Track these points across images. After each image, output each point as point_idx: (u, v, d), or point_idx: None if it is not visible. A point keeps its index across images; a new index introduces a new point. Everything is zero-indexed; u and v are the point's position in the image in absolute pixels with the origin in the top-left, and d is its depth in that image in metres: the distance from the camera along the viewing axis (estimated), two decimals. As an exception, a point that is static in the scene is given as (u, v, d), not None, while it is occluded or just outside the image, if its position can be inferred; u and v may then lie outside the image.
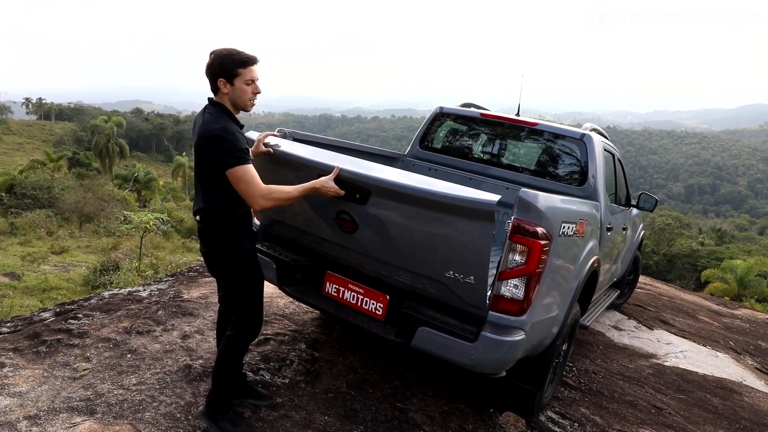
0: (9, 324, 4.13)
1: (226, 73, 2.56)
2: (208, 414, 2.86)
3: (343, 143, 4.29)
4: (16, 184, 29.09)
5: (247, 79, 2.60)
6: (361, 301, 3.02)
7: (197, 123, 2.65)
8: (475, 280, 2.65)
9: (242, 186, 2.52)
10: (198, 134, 2.56)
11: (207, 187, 2.65)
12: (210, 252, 2.77)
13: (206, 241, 2.75)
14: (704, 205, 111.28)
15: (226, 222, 2.69)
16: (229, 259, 2.74)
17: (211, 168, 2.56)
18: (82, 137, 64.38)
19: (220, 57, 2.55)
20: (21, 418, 2.82)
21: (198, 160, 2.61)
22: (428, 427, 3.24)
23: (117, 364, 3.49)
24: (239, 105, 2.65)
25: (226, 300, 2.98)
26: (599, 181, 4.13)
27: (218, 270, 2.83)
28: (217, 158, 2.51)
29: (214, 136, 2.50)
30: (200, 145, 2.54)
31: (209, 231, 2.71)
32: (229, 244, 2.71)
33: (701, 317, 7.18)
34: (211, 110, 2.62)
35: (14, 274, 15.41)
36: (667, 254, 32.17)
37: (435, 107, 5.14)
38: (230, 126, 2.56)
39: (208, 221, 2.70)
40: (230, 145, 2.49)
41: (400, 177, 2.68)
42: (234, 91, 2.60)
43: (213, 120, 2.55)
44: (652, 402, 4.16)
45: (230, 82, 2.58)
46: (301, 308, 4.79)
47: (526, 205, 2.64)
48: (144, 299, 4.77)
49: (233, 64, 2.55)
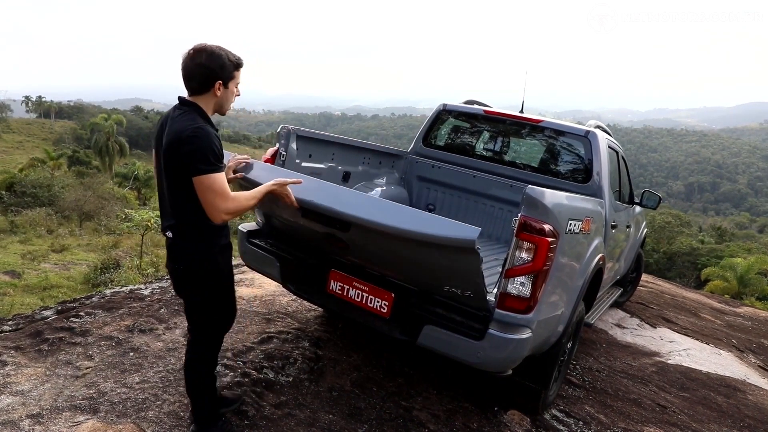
0: (11, 322, 4.11)
1: (225, 76, 2.38)
2: (199, 430, 2.72)
3: (347, 140, 4.27)
4: (16, 183, 29.06)
5: (238, 82, 2.46)
6: (366, 299, 2.99)
7: (166, 124, 2.39)
8: (473, 294, 2.67)
9: (210, 196, 2.27)
10: (169, 135, 2.31)
11: (179, 197, 2.38)
12: (178, 269, 2.50)
13: (175, 256, 2.48)
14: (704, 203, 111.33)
15: (201, 235, 2.42)
16: (199, 278, 2.48)
17: (182, 173, 2.29)
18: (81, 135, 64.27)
19: (219, 58, 2.34)
20: (24, 416, 2.80)
21: (168, 166, 2.34)
22: (433, 425, 3.22)
23: (119, 363, 3.47)
24: (223, 108, 2.46)
25: (189, 319, 2.65)
26: (604, 178, 4.11)
27: (187, 289, 2.55)
28: (189, 162, 2.25)
29: (188, 137, 2.25)
30: (172, 147, 2.29)
31: (180, 246, 2.45)
32: (203, 261, 2.45)
33: (703, 315, 7.16)
34: (183, 110, 2.38)
35: (15, 272, 15.38)
36: (667, 252, 32.15)
37: (438, 104, 5.12)
38: (206, 128, 2.32)
39: (179, 235, 2.44)
40: (206, 149, 2.25)
41: (375, 213, 2.52)
42: (225, 93, 2.41)
43: (187, 120, 2.31)
44: (656, 400, 4.15)
45: (225, 85, 2.39)
46: (303, 306, 4.77)
47: (533, 202, 2.62)
48: (146, 297, 4.75)
49: (230, 66, 2.38)
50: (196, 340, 2.64)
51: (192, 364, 2.65)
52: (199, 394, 2.69)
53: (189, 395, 2.73)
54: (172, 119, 2.38)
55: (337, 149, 4.17)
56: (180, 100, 2.43)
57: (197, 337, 2.64)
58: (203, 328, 2.62)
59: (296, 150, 3.69)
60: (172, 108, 2.46)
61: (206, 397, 2.71)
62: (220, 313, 2.62)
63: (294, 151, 3.67)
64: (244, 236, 3.53)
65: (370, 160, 4.59)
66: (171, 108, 2.47)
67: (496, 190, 4.63)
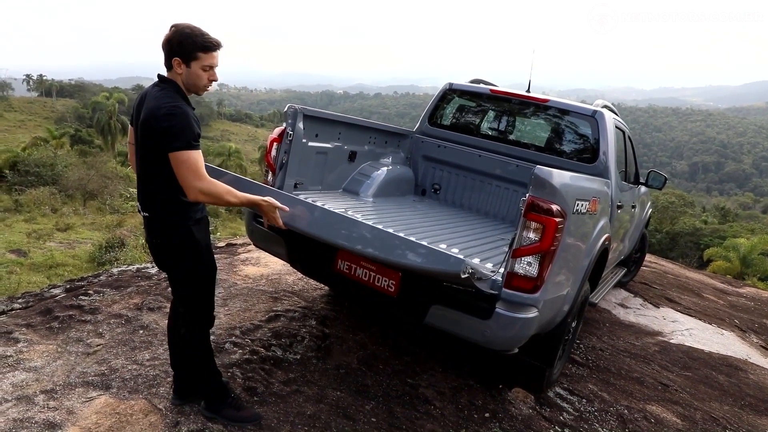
0: (20, 300, 4.16)
1: (184, 54, 2.36)
2: (209, 407, 2.78)
3: (354, 120, 4.26)
4: (19, 162, 29.06)
5: (205, 65, 2.40)
6: (374, 278, 3.02)
7: (145, 99, 2.41)
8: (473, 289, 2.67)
9: (183, 171, 2.28)
10: (146, 111, 2.34)
11: (153, 173, 2.42)
12: (157, 243, 2.56)
13: (153, 231, 2.54)
14: (708, 183, 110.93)
15: (174, 209, 2.46)
16: (178, 250, 2.52)
17: (158, 149, 2.32)
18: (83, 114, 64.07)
19: (181, 35, 2.35)
20: (38, 392, 2.85)
21: (143, 142, 2.39)
22: (438, 402, 3.27)
23: (129, 340, 3.52)
24: (191, 88, 2.46)
25: (175, 294, 2.72)
26: (610, 158, 4.10)
27: (167, 262, 2.62)
28: (164, 138, 2.28)
29: (165, 114, 2.28)
30: (148, 123, 2.32)
31: (156, 220, 2.50)
32: (179, 234, 2.50)
33: (706, 295, 7.20)
34: (161, 87, 2.41)
35: (20, 250, 15.49)
36: (670, 232, 32.12)
37: (444, 83, 5.08)
38: (184, 106, 2.35)
39: (154, 210, 2.48)
40: (182, 126, 2.28)
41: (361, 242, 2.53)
42: (188, 74, 2.40)
43: (165, 96, 2.35)
44: (659, 379, 4.20)
45: (186, 64, 2.38)
46: (309, 285, 4.81)
47: (541, 182, 2.62)
48: (153, 276, 4.79)
49: (194, 46, 2.36)
50: (186, 314, 2.68)
51: (186, 337, 2.70)
52: (204, 372, 2.75)
53: (195, 378, 2.79)
54: (150, 95, 2.41)
55: (344, 129, 4.15)
56: (159, 77, 2.46)
57: (186, 310, 2.68)
58: (189, 300, 2.66)
59: (303, 130, 3.68)
60: (152, 84, 2.49)
61: (211, 374, 2.77)
62: (203, 282, 2.65)
63: (301, 130, 3.66)
64: (251, 216, 3.54)
65: (376, 139, 4.58)
66: (150, 84, 2.50)
67: (501, 169, 4.63)
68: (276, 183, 3.64)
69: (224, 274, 4.92)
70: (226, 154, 47.14)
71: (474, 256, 3.21)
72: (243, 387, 3.07)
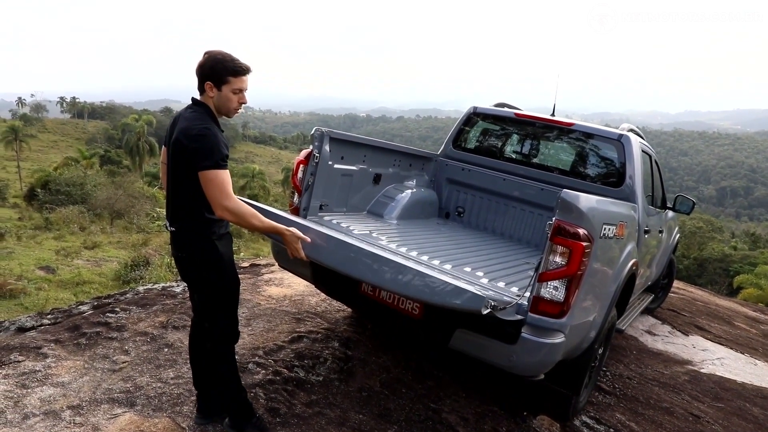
0: (50, 316, 4.24)
1: (216, 78, 2.49)
2: (234, 425, 2.81)
3: (378, 143, 4.30)
4: (51, 181, 29.93)
5: (235, 88, 2.52)
6: (398, 301, 3.01)
7: (178, 121, 2.55)
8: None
9: (211, 189, 2.39)
10: (179, 131, 2.47)
11: (182, 189, 2.54)
12: (182, 257, 2.64)
13: (179, 245, 2.63)
14: (737, 208, 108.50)
15: (199, 224, 2.56)
16: (203, 263, 2.61)
17: (187, 168, 2.44)
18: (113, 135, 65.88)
19: (213, 60, 2.49)
20: (65, 407, 2.89)
21: (175, 160, 2.51)
22: (462, 428, 3.22)
23: (155, 358, 3.55)
24: (222, 111, 2.58)
25: (200, 308, 2.78)
26: (637, 182, 4.06)
27: (191, 275, 2.69)
28: (194, 158, 2.39)
29: (196, 135, 2.40)
30: (180, 143, 2.44)
31: (182, 235, 2.60)
32: (203, 248, 2.58)
33: (738, 324, 6.99)
34: (194, 109, 2.55)
35: (49, 267, 15.85)
36: (698, 258, 31.43)
37: (468, 107, 5.11)
38: (213, 128, 2.48)
39: (181, 225, 2.58)
40: (211, 146, 2.40)
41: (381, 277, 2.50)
42: (219, 97, 2.53)
43: (196, 119, 2.48)
44: (689, 410, 4.07)
45: (218, 87, 2.51)
46: (332, 306, 4.81)
47: (568, 206, 2.60)
48: (178, 294, 4.85)
49: (225, 70, 2.49)
50: (211, 329, 2.73)
51: (212, 352, 2.74)
52: (230, 389, 2.77)
53: (221, 396, 2.81)
54: (183, 117, 2.55)
55: (369, 151, 4.20)
56: (192, 100, 2.60)
57: (211, 325, 2.73)
58: (214, 314, 2.70)
59: (329, 152, 3.73)
60: (185, 107, 2.63)
61: (237, 391, 2.79)
62: (227, 295, 2.70)
63: (327, 153, 3.71)
64: (277, 236, 3.58)
65: (401, 162, 4.61)
66: (184, 107, 2.65)
67: (526, 193, 4.61)
68: (302, 204, 3.68)
69: (248, 294, 4.95)
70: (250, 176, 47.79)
71: (498, 279, 3.19)
72: (266, 408, 3.06)
